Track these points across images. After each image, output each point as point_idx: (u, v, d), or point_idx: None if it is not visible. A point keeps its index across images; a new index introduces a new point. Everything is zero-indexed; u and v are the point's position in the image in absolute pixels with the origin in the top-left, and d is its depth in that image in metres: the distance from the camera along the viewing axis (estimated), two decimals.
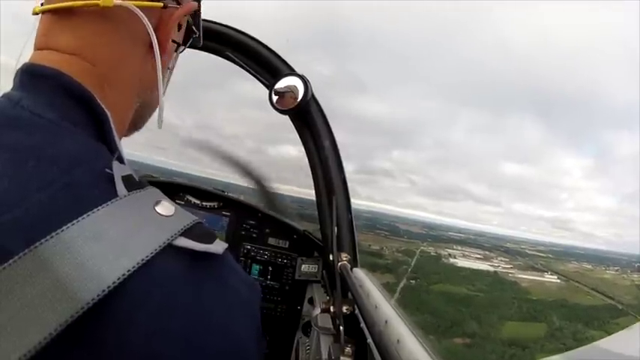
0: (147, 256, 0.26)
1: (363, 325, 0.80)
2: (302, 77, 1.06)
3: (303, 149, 1.12)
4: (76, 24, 0.36)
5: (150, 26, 0.37)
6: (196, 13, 0.47)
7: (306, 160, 1.11)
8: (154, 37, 0.38)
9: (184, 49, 0.49)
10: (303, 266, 1.33)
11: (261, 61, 1.10)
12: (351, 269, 0.96)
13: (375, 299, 0.86)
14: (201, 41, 0.49)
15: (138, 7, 0.36)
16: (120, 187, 0.30)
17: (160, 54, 0.40)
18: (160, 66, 0.39)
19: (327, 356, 0.80)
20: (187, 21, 0.46)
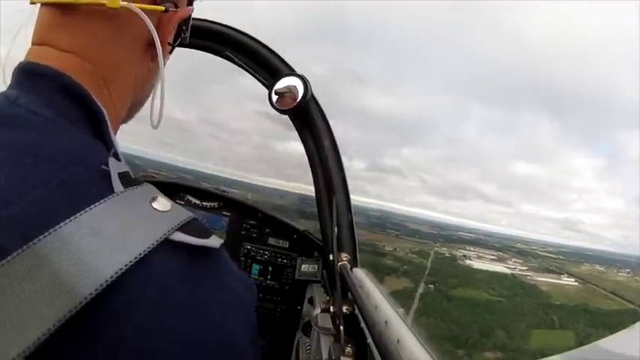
0: (144, 251, 0.26)
1: (363, 325, 0.79)
2: (302, 77, 1.06)
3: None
4: (78, 22, 0.36)
5: (154, 30, 0.37)
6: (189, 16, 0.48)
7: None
8: (158, 41, 0.38)
9: (173, 48, 0.49)
10: (303, 266, 1.32)
11: (260, 61, 1.11)
12: (351, 269, 0.95)
13: (375, 299, 0.85)
14: (188, 40, 0.49)
15: (140, 9, 0.36)
16: (116, 183, 0.30)
17: (156, 53, 0.39)
18: (163, 68, 0.40)
19: (328, 356, 0.79)
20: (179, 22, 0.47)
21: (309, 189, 1.14)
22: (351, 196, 1.08)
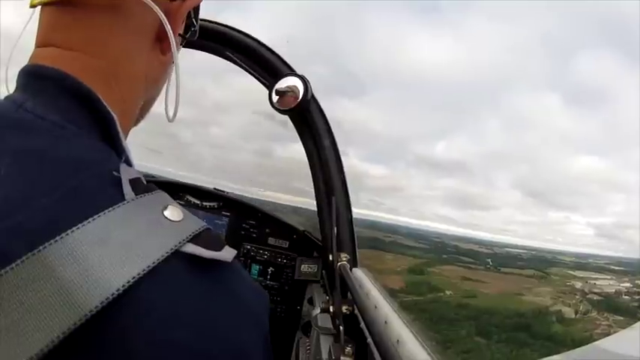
0: (153, 263, 0.26)
1: (362, 325, 0.79)
2: (302, 77, 1.07)
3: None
4: (83, 17, 0.35)
5: (164, 18, 0.36)
6: (197, 6, 0.46)
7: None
8: (170, 29, 0.37)
9: (184, 43, 0.48)
10: (303, 266, 1.33)
11: (261, 61, 1.11)
12: (351, 269, 0.96)
13: (374, 299, 0.86)
14: (197, 35, 0.48)
15: None
16: (127, 190, 0.29)
17: (165, 46, 0.39)
18: (177, 59, 0.39)
19: (328, 356, 0.80)
20: (191, 13, 0.45)
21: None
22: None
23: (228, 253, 0.30)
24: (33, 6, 0.36)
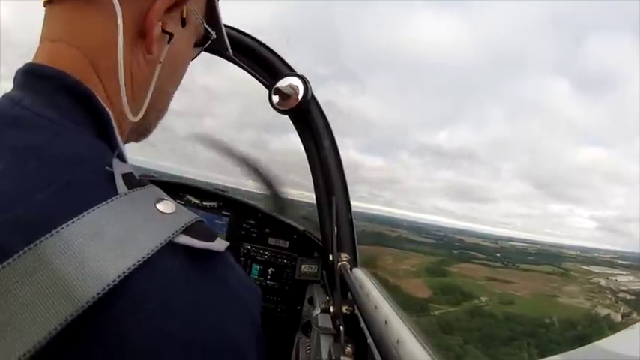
0: (147, 254, 0.26)
1: (363, 325, 0.79)
2: (302, 77, 1.07)
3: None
4: (63, 9, 0.36)
5: (119, 11, 0.36)
6: (211, 11, 0.45)
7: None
8: (121, 25, 0.36)
9: (200, 52, 0.47)
10: (303, 266, 1.33)
11: (260, 61, 1.11)
12: (351, 269, 0.96)
13: (374, 299, 0.86)
14: (229, 49, 0.47)
15: None
16: (120, 184, 0.30)
17: (148, 43, 0.38)
18: (122, 55, 0.37)
19: (328, 356, 0.80)
20: (200, 18, 0.43)
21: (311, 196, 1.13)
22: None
23: (220, 244, 0.31)
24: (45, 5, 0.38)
